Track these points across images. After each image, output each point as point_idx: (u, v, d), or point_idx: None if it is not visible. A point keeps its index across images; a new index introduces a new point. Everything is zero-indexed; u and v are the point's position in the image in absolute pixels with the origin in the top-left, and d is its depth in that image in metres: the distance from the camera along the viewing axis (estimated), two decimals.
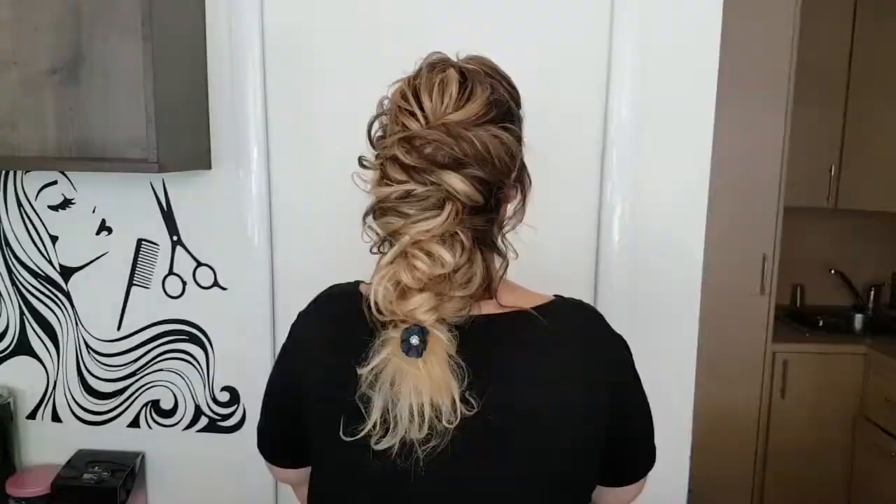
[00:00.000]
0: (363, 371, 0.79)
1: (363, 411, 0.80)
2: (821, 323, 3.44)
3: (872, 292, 3.53)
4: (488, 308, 0.85)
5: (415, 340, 0.77)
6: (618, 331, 0.93)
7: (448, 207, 0.79)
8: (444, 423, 0.77)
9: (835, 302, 3.59)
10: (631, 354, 0.93)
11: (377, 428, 0.79)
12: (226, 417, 1.60)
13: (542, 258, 1.39)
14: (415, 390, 0.76)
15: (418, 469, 0.80)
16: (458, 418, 0.77)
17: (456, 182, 0.78)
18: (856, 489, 3.12)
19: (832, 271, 3.54)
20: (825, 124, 3.26)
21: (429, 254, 0.78)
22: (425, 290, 0.78)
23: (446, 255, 0.78)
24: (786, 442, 3.11)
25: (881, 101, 3.16)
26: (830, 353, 3.11)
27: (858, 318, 3.49)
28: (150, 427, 1.63)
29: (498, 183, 0.82)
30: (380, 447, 0.79)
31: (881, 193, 3.20)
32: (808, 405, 3.10)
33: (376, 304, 0.78)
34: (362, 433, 0.79)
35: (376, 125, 0.86)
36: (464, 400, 0.77)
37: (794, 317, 3.43)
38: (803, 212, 3.32)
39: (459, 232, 0.79)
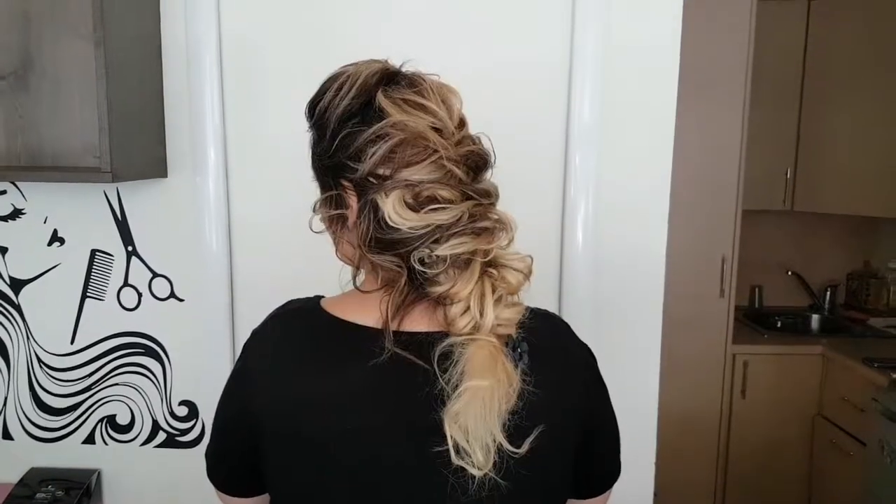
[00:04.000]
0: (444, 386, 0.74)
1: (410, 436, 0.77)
2: (779, 324, 3.50)
3: (828, 293, 3.61)
4: None
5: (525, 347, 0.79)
6: (583, 333, 0.93)
7: (501, 213, 0.82)
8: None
9: (792, 303, 3.66)
10: (596, 363, 0.93)
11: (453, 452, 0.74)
12: (184, 432, 1.57)
13: None
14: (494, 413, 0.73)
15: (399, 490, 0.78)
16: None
17: (493, 188, 0.81)
18: (815, 487, 3.17)
19: (789, 272, 3.61)
20: (781, 128, 3.33)
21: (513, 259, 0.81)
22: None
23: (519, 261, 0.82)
24: (746, 441, 3.16)
25: (834, 106, 3.23)
26: (788, 353, 3.16)
27: (815, 318, 3.57)
28: (106, 443, 1.58)
29: None
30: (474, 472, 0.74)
31: (835, 196, 3.28)
32: (768, 405, 3.15)
33: (473, 322, 0.76)
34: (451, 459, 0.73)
35: (388, 145, 0.78)
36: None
37: (752, 318, 3.48)
38: (761, 214, 3.39)
39: None
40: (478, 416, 0.72)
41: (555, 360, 0.86)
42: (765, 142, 3.22)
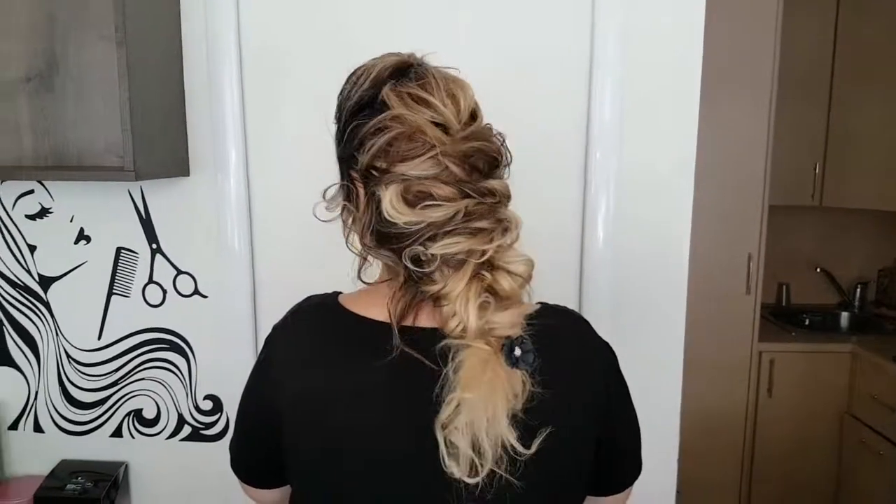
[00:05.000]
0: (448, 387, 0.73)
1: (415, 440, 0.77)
2: (807, 321, 3.45)
3: (858, 290, 3.54)
4: None
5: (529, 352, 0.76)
6: (604, 330, 0.92)
7: (506, 213, 0.79)
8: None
9: (820, 300, 3.60)
10: (617, 360, 0.92)
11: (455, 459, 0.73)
12: (209, 426, 1.59)
13: None
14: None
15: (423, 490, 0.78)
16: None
17: (501, 187, 0.79)
18: (843, 486, 3.13)
19: (818, 269, 3.55)
20: (809, 123, 3.26)
21: (513, 261, 0.78)
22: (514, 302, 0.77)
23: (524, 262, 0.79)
24: (773, 440, 3.12)
25: (864, 99, 3.17)
26: (817, 351, 3.11)
27: (844, 315, 3.51)
28: (133, 436, 1.61)
29: None
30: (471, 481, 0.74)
31: (865, 191, 3.21)
32: (795, 403, 3.10)
33: (462, 325, 0.74)
34: (451, 471, 0.73)
35: (385, 138, 0.77)
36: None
37: (779, 315, 3.44)
38: (788, 210, 3.33)
39: None
40: (465, 426, 0.72)
41: (569, 357, 0.85)
42: (793, 136, 3.16)
